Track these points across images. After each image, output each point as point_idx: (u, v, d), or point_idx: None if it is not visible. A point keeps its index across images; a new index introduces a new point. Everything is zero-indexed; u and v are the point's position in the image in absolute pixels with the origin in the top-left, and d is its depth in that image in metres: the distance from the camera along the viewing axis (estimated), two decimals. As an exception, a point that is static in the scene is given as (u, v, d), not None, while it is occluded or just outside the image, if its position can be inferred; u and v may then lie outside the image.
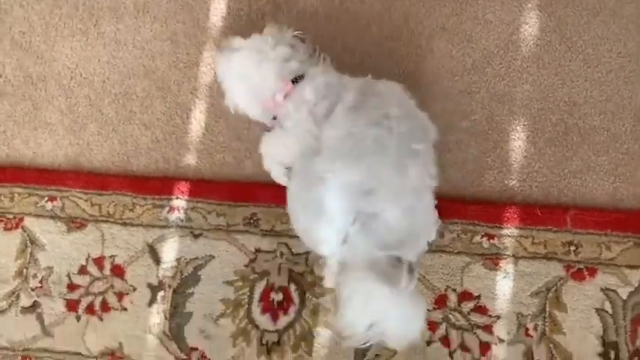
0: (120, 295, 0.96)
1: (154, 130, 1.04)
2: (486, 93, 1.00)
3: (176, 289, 0.96)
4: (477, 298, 0.91)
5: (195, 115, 1.04)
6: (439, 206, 0.87)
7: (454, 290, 0.91)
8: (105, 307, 0.96)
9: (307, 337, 0.92)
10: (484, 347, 0.89)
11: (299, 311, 0.93)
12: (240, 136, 1.02)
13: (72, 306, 0.97)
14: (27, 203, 1.02)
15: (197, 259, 0.97)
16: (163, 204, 0.99)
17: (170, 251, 0.98)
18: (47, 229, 1.00)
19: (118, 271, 0.97)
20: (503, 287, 0.91)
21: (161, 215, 0.99)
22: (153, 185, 1.00)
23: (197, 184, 1.00)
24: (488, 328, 0.90)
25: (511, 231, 0.93)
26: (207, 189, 0.99)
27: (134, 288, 0.96)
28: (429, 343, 0.90)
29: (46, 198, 1.02)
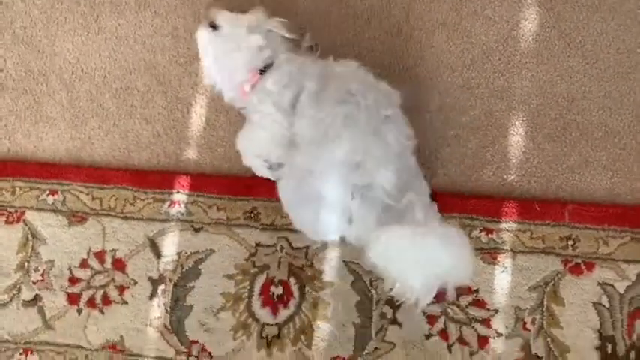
0: (121, 289, 0.97)
1: (155, 125, 1.05)
2: (485, 88, 1.01)
3: (177, 283, 0.96)
4: (476, 292, 0.91)
5: (195, 110, 1.04)
6: (438, 201, 0.89)
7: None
8: (106, 301, 0.97)
9: (307, 330, 0.93)
10: (482, 340, 0.90)
11: (299, 304, 0.94)
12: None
13: (73, 299, 0.98)
14: (28, 197, 1.03)
15: (198, 253, 0.97)
16: (164, 198, 1.00)
17: (171, 245, 0.98)
18: (49, 223, 1.01)
19: (119, 265, 0.98)
20: (501, 281, 0.92)
21: (162, 209, 1.00)
22: (154, 179, 1.01)
23: (198, 179, 1.00)
24: (486, 322, 0.90)
25: (509, 225, 0.93)
26: (207, 183, 1.00)
27: (135, 281, 0.97)
28: (428, 337, 0.91)
29: (48, 192, 1.02)
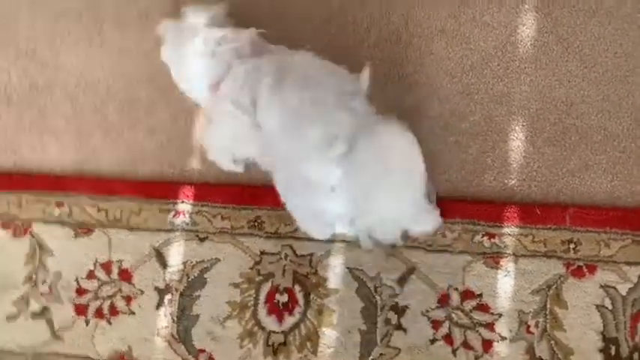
0: (128, 299, 0.98)
1: (159, 135, 1.06)
2: (485, 94, 1.02)
3: (183, 292, 0.97)
4: (479, 297, 0.92)
5: (199, 120, 1.06)
6: (441, 206, 0.90)
7: (456, 289, 0.93)
8: (113, 311, 0.98)
9: (312, 338, 0.94)
10: (486, 345, 0.91)
11: (304, 312, 0.95)
12: (243, 141, 1.03)
13: (81, 310, 0.99)
14: (35, 209, 1.04)
15: (203, 262, 0.98)
16: (169, 208, 1.01)
17: (176, 255, 0.99)
18: (55, 235, 1.02)
19: (126, 276, 0.99)
20: (504, 285, 0.92)
21: (167, 219, 1.01)
22: (158, 190, 1.02)
23: (202, 188, 1.02)
24: (490, 326, 0.91)
25: (511, 230, 0.94)
26: (211, 193, 1.01)
27: (142, 292, 0.98)
28: (433, 342, 0.92)
29: (54, 204, 1.04)
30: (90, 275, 1.00)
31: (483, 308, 0.92)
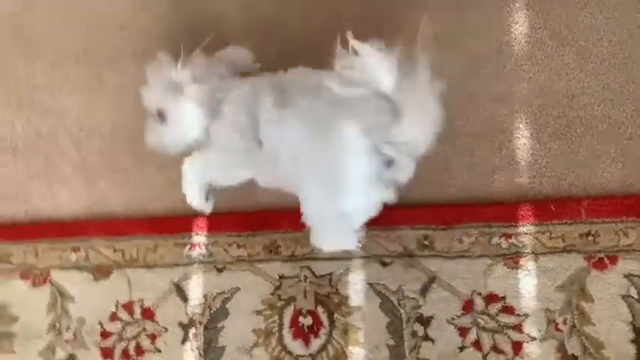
0: (153, 337, 0.98)
1: (167, 171, 1.06)
2: (485, 96, 1.02)
3: (207, 325, 0.97)
4: (503, 299, 0.92)
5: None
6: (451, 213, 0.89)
7: (479, 294, 0.92)
8: (139, 351, 0.98)
9: (341, 358, 0.93)
10: (516, 347, 0.90)
11: (330, 333, 0.94)
12: (250, 167, 1.04)
13: (107, 353, 0.99)
14: (51, 257, 1.04)
15: (223, 293, 0.98)
16: (184, 242, 1.01)
17: (196, 288, 0.99)
18: (74, 280, 1.03)
19: (148, 314, 0.99)
20: (527, 285, 0.92)
21: (183, 253, 1.01)
22: (172, 225, 1.03)
23: (215, 219, 1.02)
24: (518, 328, 0.91)
25: (527, 228, 0.94)
26: (225, 222, 1.01)
27: (166, 329, 0.98)
28: (462, 349, 0.91)
29: (70, 250, 1.04)
30: (113, 317, 1.00)
31: (509, 310, 0.91)
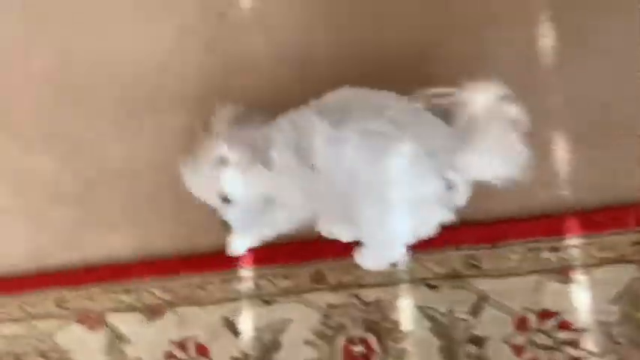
0: (209, 374, 1.00)
1: (207, 208, 1.09)
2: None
3: (260, 358, 0.98)
4: (557, 315, 0.90)
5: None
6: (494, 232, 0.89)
7: (532, 311, 0.91)
8: (197, 388, 1.00)
9: (397, 384, 0.93)
10: (576, 363, 0.88)
11: (383, 359, 0.94)
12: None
13: (166, 391, 1.01)
14: (105, 300, 1.08)
15: (274, 325, 0.99)
16: (232, 277, 1.04)
17: (246, 322, 1.01)
18: (129, 322, 1.06)
19: (203, 351, 1.01)
20: (580, 299, 0.90)
21: (231, 288, 1.03)
22: (218, 261, 1.05)
23: (260, 252, 1.03)
24: (575, 343, 0.89)
25: (575, 241, 0.92)
26: (270, 254, 1.03)
27: (220, 364, 1.00)
28: (519, 369, 0.90)
29: (122, 292, 1.07)
30: (169, 356, 1.02)
31: (564, 326, 0.90)
